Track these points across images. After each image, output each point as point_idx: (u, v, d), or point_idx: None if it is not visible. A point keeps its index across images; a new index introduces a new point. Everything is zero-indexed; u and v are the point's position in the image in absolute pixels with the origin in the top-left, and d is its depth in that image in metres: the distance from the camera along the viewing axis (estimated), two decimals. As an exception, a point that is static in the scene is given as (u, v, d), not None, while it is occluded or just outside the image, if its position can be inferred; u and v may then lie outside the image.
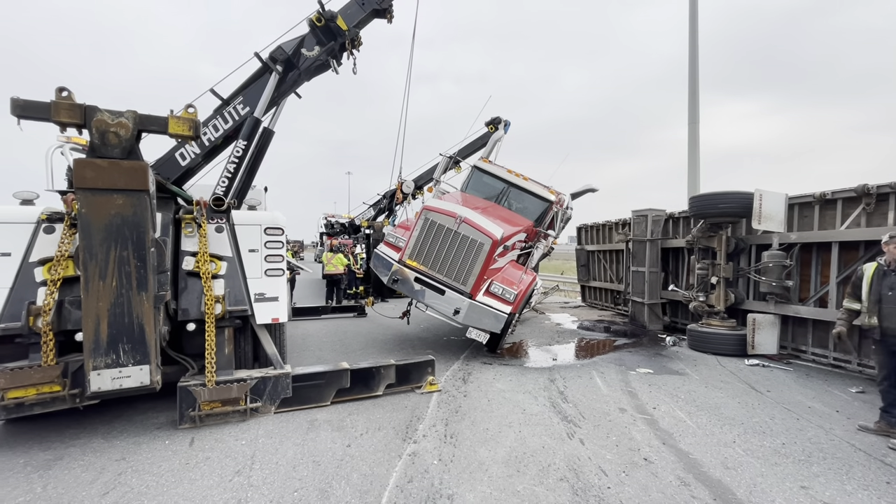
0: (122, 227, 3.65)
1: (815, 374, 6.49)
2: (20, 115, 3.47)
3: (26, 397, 3.80)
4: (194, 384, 4.29)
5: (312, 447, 3.90)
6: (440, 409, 4.86)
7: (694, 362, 7.10)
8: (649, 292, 10.26)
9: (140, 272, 3.72)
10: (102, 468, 3.54)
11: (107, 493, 3.18)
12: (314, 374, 4.90)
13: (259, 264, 4.96)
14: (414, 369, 5.52)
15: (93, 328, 3.61)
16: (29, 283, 4.04)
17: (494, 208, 7.71)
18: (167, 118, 3.87)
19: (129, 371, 3.73)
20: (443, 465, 3.61)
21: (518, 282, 6.64)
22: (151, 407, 4.73)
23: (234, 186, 6.72)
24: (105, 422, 4.41)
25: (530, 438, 4.14)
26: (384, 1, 7.66)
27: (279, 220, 5.18)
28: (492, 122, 11.47)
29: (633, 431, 4.34)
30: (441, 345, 8.03)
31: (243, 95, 6.92)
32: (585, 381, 5.97)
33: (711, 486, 3.35)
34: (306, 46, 7.28)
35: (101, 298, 3.61)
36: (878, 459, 3.81)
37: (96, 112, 3.59)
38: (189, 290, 4.62)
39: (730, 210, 7.88)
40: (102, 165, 3.58)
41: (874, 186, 6.45)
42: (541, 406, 5.00)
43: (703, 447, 4.00)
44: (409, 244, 6.67)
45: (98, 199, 3.59)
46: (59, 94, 3.54)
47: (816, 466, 3.67)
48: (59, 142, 6.39)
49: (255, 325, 4.93)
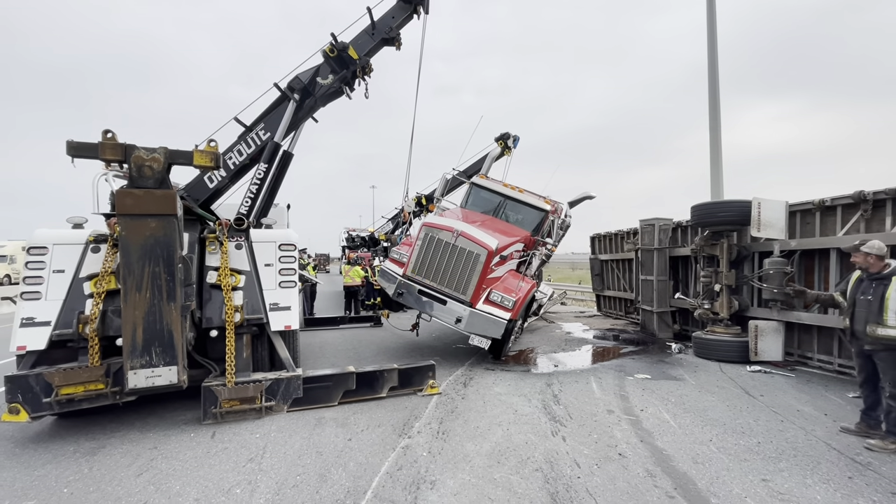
0: (154, 246, 4.26)
1: (817, 380, 6.52)
2: (74, 155, 4.15)
3: (76, 394, 4.42)
4: (216, 384, 4.85)
5: (317, 440, 4.36)
6: (437, 409, 5.25)
7: (695, 369, 7.23)
8: (658, 300, 10.36)
9: (169, 285, 4.31)
10: (138, 455, 4.10)
11: (141, 474, 3.73)
12: (323, 377, 5.39)
13: (274, 277, 5.52)
14: (416, 373, 5.94)
15: (130, 333, 4.21)
16: (79, 295, 4.71)
17: (492, 221, 8.11)
18: (192, 152, 4.49)
19: (160, 371, 4.31)
20: (431, 457, 3.99)
21: (516, 289, 6.99)
22: (179, 405, 5.31)
23: (256, 206, 7.36)
24: (140, 417, 5.01)
25: (516, 435, 4.48)
26: (392, 31, 8.24)
27: (292, 237, 5.75)
28: (501, 137, 11.88)
29: (615, 430, 4.61)
30: (449, 352, 8.41)
31: (264, 122, 7.58)
32: (581, 386, 6.23)
33: (676, 477, 3.61)
34: (321, 75, 7.91)
35: (137, 308, 4.21)
36: (849, 458, 3.96)
37: (134, 150, 4.23)
38: (212, 300, 5.22)
39: (729, 219, 8.02)
40: (139, 194, 4.22)
41: (871, 193, 6.52)
42: (532, 407, 5.32)
43: (679, 445, 4.24)
44: (412, 259, 7.14)
45: (135, 222, 4.22)
46: (104, 136, 4.20)
47: (784, 463, 3.86)
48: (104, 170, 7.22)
49: (270, 332, 5.47)
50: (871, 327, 4.10)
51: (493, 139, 12.39)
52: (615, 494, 3.37)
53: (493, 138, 12.39)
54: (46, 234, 4.78)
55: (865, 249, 4.27)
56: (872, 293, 4.17)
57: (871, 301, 4.15)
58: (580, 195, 10.34)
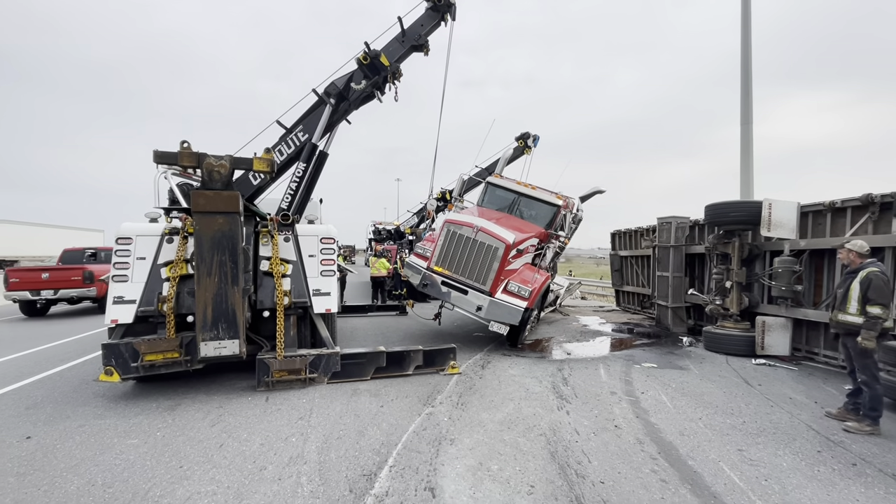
0: (222, 238, 5.07)
1: (819, 374, 6.87)
2: (158, 161, 4.99)
3: (156, 360, 5.31)
4: (268, 357, 5.67)
5: (355, 406, 5.11)
6: (457, 385, 5.94)
7: (701, 360, 7.66)
8: (673, 296, 10.73)
9: (233, 271, 5.13)
10: (208, 412, 4.95)
11: (214, 425, 4.56)
12: (358, 354, 6.15)
13: (316, 266, 6.30)
14: (438, 355, 6.64)
15: (202, 311, 5.05)
16: (157, 278, 5.59)
17: (507, 218, 8.70)
18: (252, 159, 5.28)
19: (225, 343, 5.14)
20: (451, 422, 4.68)
21: (532, 281, 7.59)
22: (235, 377, 6.18)
23: (295, 201, 8.17)
24: (204, 385, 5.89)
25: (525, 408, 5.11)
26: (420, 38, 8.87)
27: (332, 231, 6.51)
28: (521, 136, 12.39)
29: (615, 408, 5.18)
30: (469, 340, 9.08)
31: (303, 124, 8.35)
32: (590, 372, 6.79)
33: (662, 445, 4.17)
34: (355, 80, 8.61)
35: (207, 290, 5.05)
36: (825, 437, 4.42)
37: (206, 157, 5.04)
38: (264, 286, 6.03)
39: (740, 218, 8.35)
40: (209, 195, 5.03)
41: (878, 195, 6.77)
42: (543, 387, 5.93)
43: (670, 421, 4.78)
44: (435, 253, 7.82)
45: (206, 219, 5.04)
46: (181, 146, 5.03)
47: (763, 438, 4.36)
48: (162, 169, 8.15)
49: (313, 314, 6.26)
50: (835, 313, 4.58)
51: (514, 138, 12.92)
52: (606, 455, 3.97)
53: (514, 137, 12.92)
54: (131, 227, 5.68)
55: (849, 247, 4.69)
56: (844, 285, 4.62)
57: (841, 292, 4.61)
58: (591, 189, 10.77)
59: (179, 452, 3.95)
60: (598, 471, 3.68)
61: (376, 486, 3.39)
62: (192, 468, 3.67)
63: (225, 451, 3.97)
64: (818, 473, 3.68)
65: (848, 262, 4.76)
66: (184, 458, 3.85)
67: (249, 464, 3.74)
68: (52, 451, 3.98)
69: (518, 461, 3.82)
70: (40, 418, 4.79)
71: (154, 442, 4.17)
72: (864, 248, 4.65)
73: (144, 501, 3.19)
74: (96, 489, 3.36)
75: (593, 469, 3.71)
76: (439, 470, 3.65)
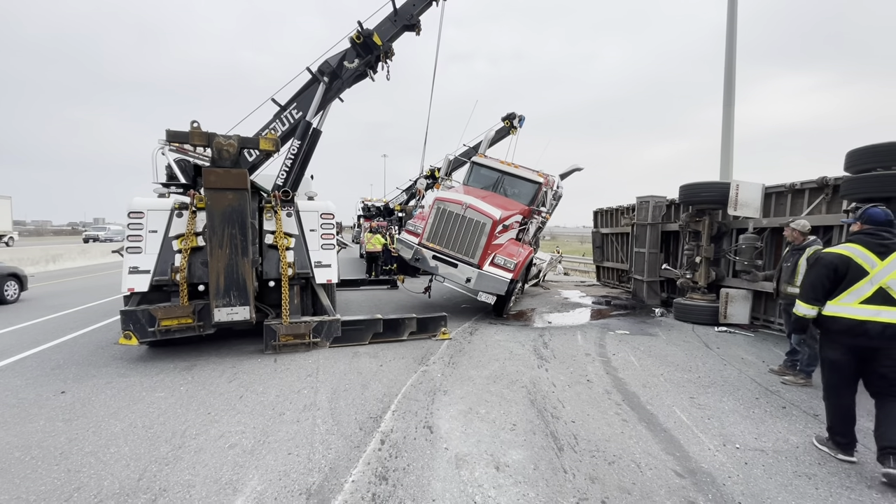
0: (232, 213, 5.47)
1: (771, 339, 7.66)
2: (171, 140, 5.32)
3: (171, 325, 5.77)
4: (275, 323, 6.16)
5: (357, 365, 5.68)
6: (448, 349, 6.54)
7: (670, 328, 8.41)
8: (648, 271, 11.46)
9: (243, 243, 5.55)
10: (223, 371, 5.45)
11: (231, 381, 5.08)
12: (357, 321, 6.68)
13: (317, 240, 6.75)
14: (431, 322, 7.22)
15: (215, 280, 5.49)
16: (168, 250, 5.98)
17: (493, 196, 9.21)
18: (259, 138, 5.66)
19: (237, 310, 5.61)
20: (444, 378, 5.28)
21: (517, 254, 8.18)
22: (243, 342, 6.68)
23: (290, 178, 8.51)
24: (214, 349, 6.37)
25: (509, 367, 5.75)
26: (412, 18, 9.09)
27: (330, 207, 6.94)
28: (507, 117, 12.77)
29: (588, 366, 5.85)
30: (458, 311, 9.69)
31: (297, 102, 8.57)
32: (568, 337, 7.47)
33: (626, 394, 4.85)
34: (347, 59, 8.83)
35: (219, 260, 5.48)
36: (765, 387, 5.15)
37: (215, 136, 5.38)
38: (269, 258, 6.47)
39: (711, 198, 8.99)
40: (220, 172, 5.40)
41: (832, 178, 7.43)
42: (525, 350, 6.58)
43: (635, 376, 5.47)
44: (426, 229, 8.31)
45: (217, 194, 5.42)
46: (192, 126, 5.35)
47: (712, 389, 5.07)
48: (160, 144, 8.36)
49: (315, 284, 6.74)
50: (783, 286, 5.24)
51: (500, 118, 13.29)
52: (578, 402, 4.62)
53: (500, 118, 13.29)
54: (142, 202, 6.01)
55: (793, 226, 5.33)
56: (791, 260, 5.26)
57: (788, 266, 5.26)
58: (570, 167, 11.28)
59: (205, 402, 4.47)
60: (571, 413, 4.32)
61: (382, 425, 3.98)
62: (219, 414, 4.20)
63: (245, 401, 4.51)
64: (753, 414, 4.39)
65: (792, 239, 5.41)
66: (210, 406, 4.38)
67: (269, 410, 4.29)
68: (89, 402, 4.47)
69: (502, 406, 4.44)
70: (68, 377, 5.24)
71: (180, 395, 4.67)
72: (807, 227, 5.30)
73: (184, 438, 3.72)
74: (138, 430, 3.87)
75: (566, 412, 4.35)
76: (435, 413, 4.25)
